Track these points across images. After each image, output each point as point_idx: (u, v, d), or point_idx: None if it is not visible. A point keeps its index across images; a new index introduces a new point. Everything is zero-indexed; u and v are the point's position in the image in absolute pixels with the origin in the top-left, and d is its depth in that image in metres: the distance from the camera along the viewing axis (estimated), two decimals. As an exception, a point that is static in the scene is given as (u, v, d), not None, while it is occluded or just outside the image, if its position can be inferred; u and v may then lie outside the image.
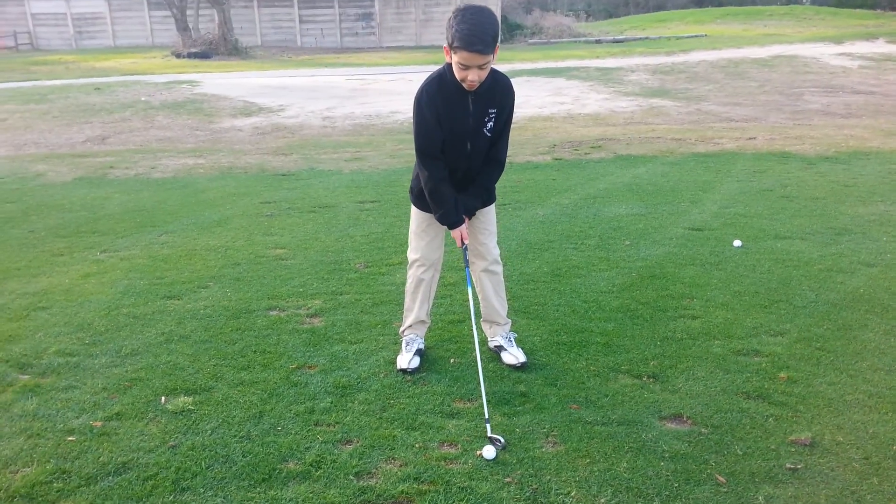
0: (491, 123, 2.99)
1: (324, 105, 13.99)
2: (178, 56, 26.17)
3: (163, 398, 3.01)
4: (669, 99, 14.45)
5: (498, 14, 32.50)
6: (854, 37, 23.94)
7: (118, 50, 31.10)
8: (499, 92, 2.95)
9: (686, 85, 16.41)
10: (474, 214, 3.20)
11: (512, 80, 3.05)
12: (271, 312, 3.93)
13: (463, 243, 3.13)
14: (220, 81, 17.62)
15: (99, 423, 2.82)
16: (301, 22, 34.74)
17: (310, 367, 3.28)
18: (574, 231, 5.32)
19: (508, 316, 3.45)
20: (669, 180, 6.93)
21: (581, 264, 4.58)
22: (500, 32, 2.70)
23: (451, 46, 2.74)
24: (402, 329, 3.40)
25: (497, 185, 3.29)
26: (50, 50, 33.10)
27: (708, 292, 4.08)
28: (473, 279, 3.40)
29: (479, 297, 3.40)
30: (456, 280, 4.33)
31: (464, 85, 2.81)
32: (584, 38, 31.91)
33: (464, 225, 3.10)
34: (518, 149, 8.87)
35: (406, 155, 8.76)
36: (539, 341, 3.50)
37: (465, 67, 2.73)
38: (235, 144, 10.27)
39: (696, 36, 30.05)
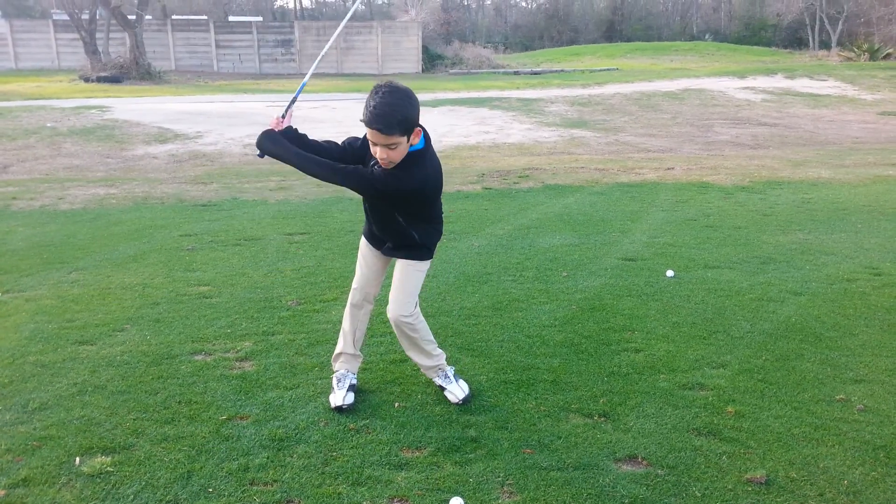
0: None
1: (244, 132, 13.59)
2: (87, 80, 25.01)
3: (77, 459, 2.71)
4: (589, 130, 14.82)
5: (419, 44, 32.87)
6: (755, 72, 25.40)
7: (20, 73, 29.48)
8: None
9: (603, 116, 16.90)
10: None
11: (436, 109, 3.00)
12: (196, 357, 3.65)
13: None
14: (133, 107, 16.89)
15: (2, 493, 2.49)
16: (218, 47, 34.00)
17: (242, 418, 3.03)
18: (511, 263, 5.26)
19: (444, 349, 3.38)
20: (598, 210, 7.01)
21: (521, 297, 4.50)
22: (415, 116, 2.71)
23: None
24: (333, 356, 3.27)
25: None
26: (-57, 71, 31.01)
27: (647, 324, 4.07)
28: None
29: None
30: (394, 317, 4.15)
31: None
32: (503, 70, 32.57)
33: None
34: (447, 178, 8.77)
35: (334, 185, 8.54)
36: (486, 380, 3.38)
37: (373, 143, 2.72)
38: (150, 173, 9.79)
39: (608, 69, 31.19)
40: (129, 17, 28.39)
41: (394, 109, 2.62)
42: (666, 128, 15.11)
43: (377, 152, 2.73)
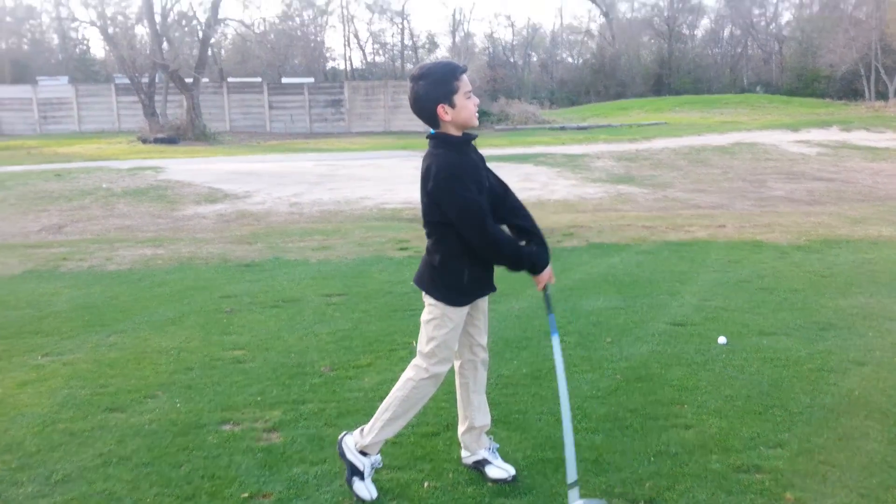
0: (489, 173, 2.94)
1: (291, 191, 13.83)
2: (145, 141, 26.09)
3: (92, 540, 2.61)
4: (636, 185, 14.61)
5: (465, 101, 33.38)
6: (809, 124, 24.92)
7: (83, 135, 30.97)
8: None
9: (651, 172, 16.68)
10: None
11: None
12: (224, 427, 3.55)
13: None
14: (186, 167, 17.44)
15: (11, 576, 2.40)
16: (271, 108, 35.18)
17: (264, 496, 2.90)
18: (552, 327, 5.06)
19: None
20: (645, 270, 6.78)
21: (561, 366, 4.30)
22: None
23: (450, 92, 2.71)
24: (366, 443, 2.92)
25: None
26: (13, 135, 32.84)
27: (698, 397, 3.82)
28: (462, 380, 3.07)
29: (467, 402, 3.06)
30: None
31: (475, 119, 2.80)
32: (549, 125, 32.74)
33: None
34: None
35: (375, 243, 8.54)
36: (522, 458, 3.18)
37: (470, 96, 2.75)
38: (198, 233, 9.97)
39: (656, 123, 31.05)
40: (187, 80, 29.68)
41: None
42: (716, 183, 14.80)
43: (475, 100, 2.78)
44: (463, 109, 2.73)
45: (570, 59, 63.59)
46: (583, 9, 63.41)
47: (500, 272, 2.95)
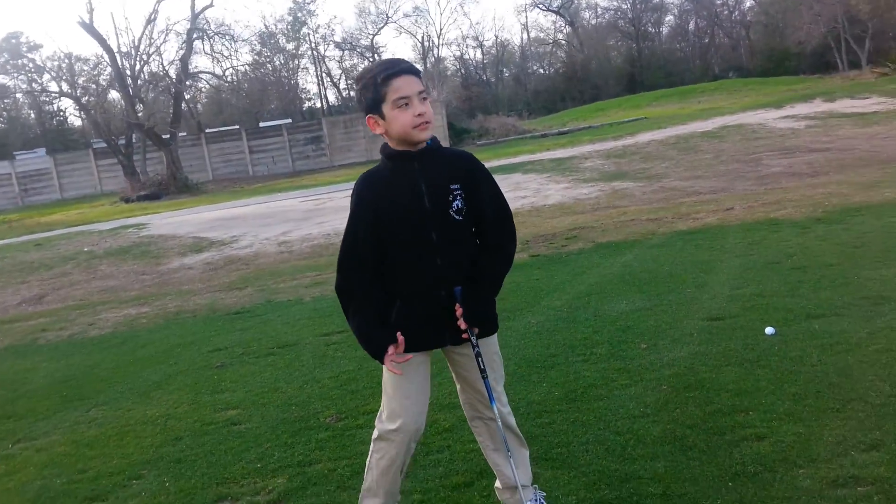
0: (458, 203, 2.28)
1: (279, 230, 13.36)
2: (127, 201, 25.63)
3: None
4: (630, 180, 14.20)
5: (444, 121, 33.09)
6: (791, 100, 24.66)
7: (65, 202, 30.48)
8: (457, 163, 2.33)
9: (642, 165, 16.29)
10: (476, 329, 2.44)
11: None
12: (221, 505, 3.03)
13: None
14: (169, 220, 16.96)
15: None
16: (251, 153, 34.80)
17: (274, 591, 2.38)
18: (577, 339, 4.56)
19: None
20: (663, 265, 6.30)
21: (598, 381, 3.79)
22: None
23: (375, 101, 2.19)
24: None
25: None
26: (-6, 211, 32.26)
27: (761, 399, 3.31)
28: (477, 438, 2.63)
29: (490, 461, 2.60)
30: (452, 423, 3.50)
31: (415, 133, 2.19)
32: (529, 134, 32.44)
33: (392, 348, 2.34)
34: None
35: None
36: (576, 502, 2.67)
37: (407, 103, 2.16)
38: (184, 285, 9.46)
39: (636, 119, 30.75)
40: (164, 136, 29.32)
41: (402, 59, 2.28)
42: (711, 167, 14.40)
43: (416, 110, 2.17)
44: (394, 121, 2.19)
45: (541, 70, 63.64)
46: (547, 21, 63.50)
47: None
